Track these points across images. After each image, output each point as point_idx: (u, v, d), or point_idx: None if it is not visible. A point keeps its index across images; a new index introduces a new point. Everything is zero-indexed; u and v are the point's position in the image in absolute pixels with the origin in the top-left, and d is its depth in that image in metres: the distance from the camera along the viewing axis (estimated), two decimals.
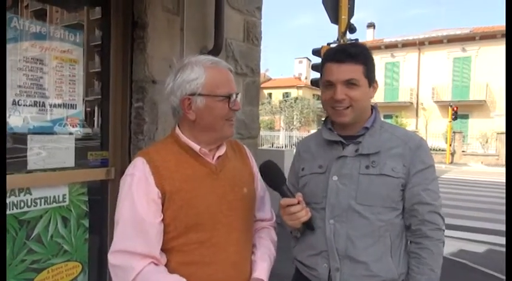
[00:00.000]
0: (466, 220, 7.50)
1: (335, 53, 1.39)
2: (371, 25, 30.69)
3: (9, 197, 1.88)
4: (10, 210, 1.89)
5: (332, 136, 1.44)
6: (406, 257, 1.40)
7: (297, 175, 1.52)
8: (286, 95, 35.41)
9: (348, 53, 1.35)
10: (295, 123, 27.12)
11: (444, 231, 1.39)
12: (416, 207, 1.36)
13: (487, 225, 7.11)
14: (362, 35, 29.76)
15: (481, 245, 5.82)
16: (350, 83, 1.34)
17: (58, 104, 2.11)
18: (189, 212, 1.22)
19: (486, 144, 21.77)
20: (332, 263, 1.36)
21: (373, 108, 1.47)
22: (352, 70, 1.34)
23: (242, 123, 3.22)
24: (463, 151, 21.66)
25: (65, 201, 2.14)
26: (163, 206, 1.21)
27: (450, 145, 20.84)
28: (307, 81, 37.20)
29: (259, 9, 3.40)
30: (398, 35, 27.26)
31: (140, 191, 1.20)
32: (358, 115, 1.39)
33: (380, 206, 1.34)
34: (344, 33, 5.53)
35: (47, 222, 2.06)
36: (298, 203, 1.30)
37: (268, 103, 29.31)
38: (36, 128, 2.01)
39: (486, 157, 20.94)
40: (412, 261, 1.37)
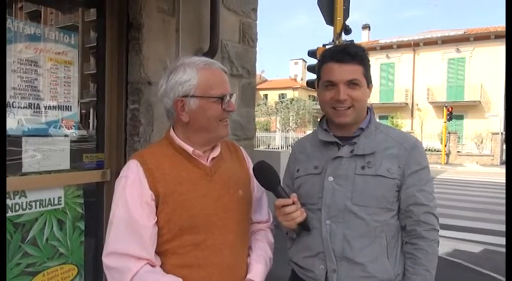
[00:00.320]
0: (462, 220, 7.53)
1: (336, 53, 1.39)
2: (366, 26, 30.80)
3: None
4: (6, 213, 1.87)
5: (328, 137, 1.44)
6: (403, 257, 1.41)
7: (292, 176, 1.52)
8: (282, 96, 35.45)
9: (349, 53, 1.36)
10: (291, 124, 27.14)
11: (439, 231, 1.39)
12: (411, 208, 1.36)
13: (483, 225, 7.14)
14: (357, 37, 29.95)
15: (476, 245, 5.85)
16: (352, 84, 1.35)
17: (53, 106, 2.09)
18: (183, 214, 1.21)
19: (481, 144, 21.90)
20: (329, 264, 1.36)
21: (368, 109, 1.47)
22: (354, 70, 1.35)
23: (238, 124, 3.22)
24: (458, 152, 21.77)
25: (61, 204, 2.13)
26: (157, 208, 1.21)
27: (445, 146, 20.95)
28: (303, 82, 37.26)
29: (254, 10, 3.40)
30: (393, 36, 27.39)
31: (134, 193, 1.20)
32: (358, 116, 1.40)
33: (375, 206, 1.35)
34: (339, 34, 5.55)
35: (42, 225, 2.05)
36: (293, 203, 1.30)
37: (264, 104, 29.30)
38: (31, 131, 2.00)
39: (481, 157, 21.06)
40: (408, 262, 1.37)
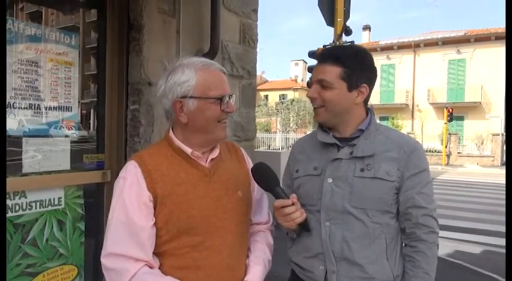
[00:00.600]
0: (462, 221, 7.53)
1: (320, 53, 1.43)
2: (367, 27, 30.80)
3: None
4: (6, 214, 1.87)
5: (327, 138, 1.43)
6: (403, 259, 1.40)
7: (292, 176, 1.52)
8: (282, 97, 35.46)
9: (329, 54, 1.38)
10: (291, 125, 27.12)
11: (438, 234, 1.39)
12: (410, 210, 1.35)
13: (483, 226, 7.13)
14: (358, 37, 29.91)
15: (477, 246, 5.84)
16: (322, 84, 1.36)
17: (53, 107, 2.09)
18: (181, 215, 1.21)
19: (481, 145, 21.89)
20: (328, 265, 1.36)
21: (368, 110, 1.47)
22: (325, 71, 1.36)
23: (238, 125, 3.22)
24: (459, 153, 21.76)
25: (61, 204, 2.13)
26: (155, 209, 1.21)
27: (446, 147, 20.95)
28: (303, 83, 37.28)
29: (255, 11, 3.40)
30: (394, 37, 27.39)
31: (132, 194, 1.20)
32: (335, 117, 1.40)
33: (374, 209, 1.34)
34: (340, 35, 5.54)
35: (43, 225, 2.05)
36: (292, 204, 1.30)
37: (264, 105, 29.28)
38: (31, 131, 2.00)
39: (482, 158, 21.05)
40: (407, 264, 1.37)
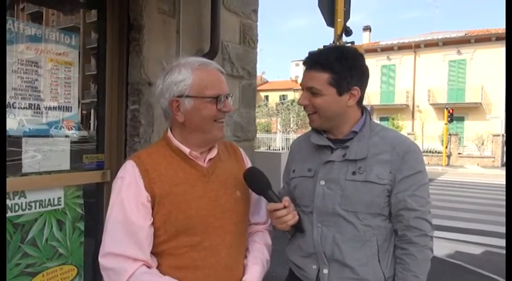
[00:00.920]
0: (463, 222, 7.52)
1: (306, 58, 1.40)
2: (367, 28, 30.80)
3: None
4: (6, 214, 1.87)
5: (321, 140, 1.43)
6: (395, 259, 1.40)
7: (289, 176, 1.54)
8: (283, 98, 35.44)
9: (314, 61, 1.36)
10: (292, 125, 27.10)
11: (431, 237, 1.37)
12: (401, 213, 1.34)
13: (483, 227, 7.12)
14: (358, 38, 29.84)
15: (477, 246, 5.83)
16: (311, 91, 1.36)
17: (53, 107, 2.10)
18: (179, 215, 1.21)
19: (482, 146, 21.87)
20: (321, 265, 1.38)
21: (363, 111, 1.45)
22: (313, 78, 1.35)
23: (239, 125, 3.22)
24: (459, 153, 21.75)
25: (60, 204, 2.13)
26: (153, 209, 1.21)
27: (446, 147, 20.93)
28: None
29: (255, 11, 3.40)
30: (394, 38, 27.39)
31: (130, 194, 1.20)
32: (328, 122, 1.40)
33: (365, 212, 1.34)
34: (340, 36, 5.53)
35: (42, 225, 2.05)
36: (284, 207, 1.30)
37: (265, 106, 29.26)
38: (31, 131, 2.00)
39: (482, 159, 21.03)
40: (398, 267, 1.36)
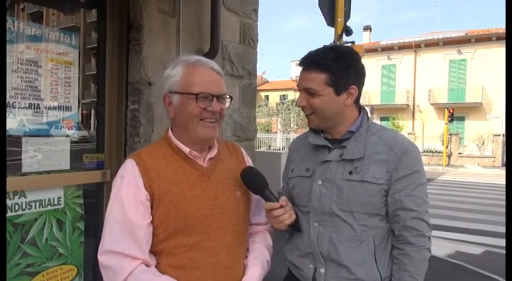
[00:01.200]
0: (463, 222, 7.52)
1: (303, 59, 1.40)
2: (367, 28, 30.77)
3: None
4: (6, 214, 1.87)
5: (318, 140, 1.43)
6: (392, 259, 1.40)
7: (288, 175, 1.54)
8: (283, 98, 35.43)
9: (310, 61, 1.36)
10: (292, 125, 27.08)
11: (429, 238, 1.36)
12: (398, 213, 1.34)
13: (484, 227, 7.12)
14: (358, 38, 29.82)
15: (478, 246, 5.83)
16: (309, 92, 1.36)
17: (53, 107, 2.09)
18: (178, 215, 1.21)
19: (482, 146, 21.86)
20: (318, 265, 1.38)
21: (360, 110, 1.45)
22: (311, 79, 1.35)
23: (239, 125, 3.22)
24: (460, 153, 21.73)
25: (60, 204, 2.13)
26: (152, 208, 1.21)
27: (447, 147, 20.92)
28: None
29: (255, 11, 3.40)
30: (394, 38, 27.37)
31: (129, 193, 1.20)
32: (327, 121, 1.40)
33: (361, 212, 1.34)
34: (340, 35, 5.53)
35: (42, 225, 2.05)
36: (281, 206, 1.31)
37: (265, 105, 29.25)
38: (31, 131, 2.00)
39: (482, 159, 21.03)
40: (394, 267, 1.36)
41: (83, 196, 2.25)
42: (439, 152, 21.64)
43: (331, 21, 5.61)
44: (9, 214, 1.90)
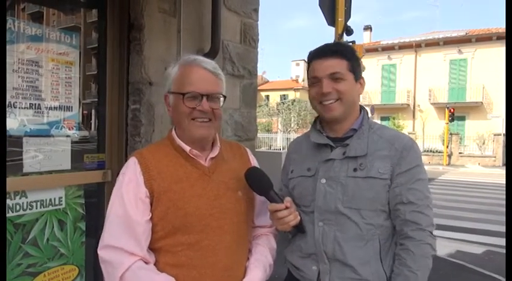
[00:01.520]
0: (464, 221, 7.51)
1: (318, 50, 1.43)
2: (368, 27, 30.75)
3: None
4: (6, 214, 1.87)
5: (320, 139, 1.43)
6: None
7: (287, 177, 1.53)
8: (283, 97, 35.43)
9: (330, 49, 1.40)
10: (292, 125, 27.09)
11: (431, 233, 1.34)
12: (398, 207, 1.34)
13: (485, 226, 7.12)
14: (359, 38, 29.83)
15: (479, 246, 5.82)
16: (335, 77, 1.36)
17: (54, 107, 2.09)
18: (177, 213, 1.22)
19: (483, 145, 21.84)
20: (321, 265, 1.37)
21: (361, 109, 1.46)
22: (336, 64, 1.37)
23: (240, 125, 3.21)
24: (460, 153, 21.72)
25: (61, 204, 2.12)
26: (152, 205, 1.23)
27: (447, 147, 20.91)
28: (304, 83, 37.24)
29: (256, 11, 3.40)
30: (395, 38, 27.35)
31: (130, 190, 1.22)
32: (347, 110, 1.40)
33: (368, 209, 1.33)
34: (341, 35, 5.53)
35: (43, 225, 2.05)
36: (286, 208, 1.30)
37: (265, 105, 29.26)
38: (32, 131, 2.00)
39: (483, 158, 21.01)
40: (395, 262, 1.35)
41: (84, 196, 2.25)
42: (440, 151, 21.63)
43: (331, 20, 5.60)
44: (10, 214, 1.90)
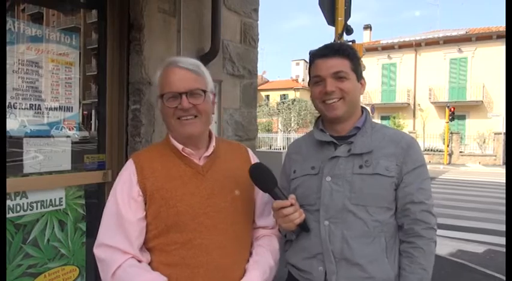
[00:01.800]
0: (465, 220, 7.50)
1: (321, 50, 1.43)
2: (367, 27, 30.72)
3: None
4: (6, 214, 1.87)
5: (324, 137, 1.43)
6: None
7: (289, 178, 1.51)
8: (283, 97, 35.43)
9: (333, 48, 1.40)
10: (292, 125, 27.09)
11: (436, 230, 1.37)
12: (409, 206, 1.35)
13: (486, 225, 7.11)
14: (358, 37, 29.82)
15: (480, 245, 5.81)
16: (339, 76, 1.37)
17: (54, 107, 2.09)
18: (169, 211, 1.23)
19: (483, 144, 21.81)
20: (328, 265, 1.35)
21: (363, 109, 1.48)
22: (339, 63, 1.38)
23: (240, 125, 3.21)
24: (461, 152, 21.69)
25: (62, 204, 2.12)
26: (146, 204, 1.24)
27: (448, 146, 20.89)
28: (304, 83, 37.25)
29: (255, 10, 3.39)
30: (394, 37, 27.33)
31: (124, 190, 1.25)
32: (350, 109, 1.41)
33: (374, 206, 1.34)
34: (341, 34, 5.52)
35: (44, 226, 2.05)
36: (291, 205, 1.29)
37: (265, 105, 29.25)
38: (32, 131, 2.00)
39: (484, 157, 20.99)
40: (404, 260, 1.35)
41: (85, 197, 2.25)
42: (440, 150, 21.61)
43: (331, 20, 5.60)
44: (11, 215, 1.90)
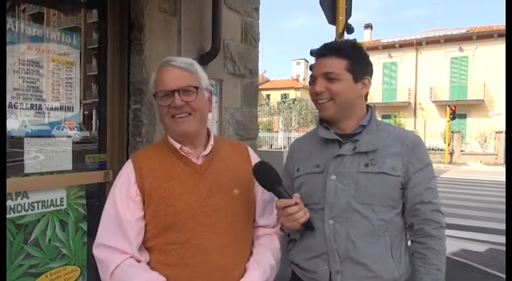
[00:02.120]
0: (467, 220, 7.49)
1: (319, 49, 1.41)
2: (368, 26, 30.70)
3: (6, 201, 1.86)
4: (7, 214, 1.87)
5: (329, 134, 1.41)
6: (407, 257, 1.38)
7: (292, 176, 1.49)
8: (284, 97, 35.42)
9: (330, 48, 1.38)
10: (293, 124, 27.09)
11: (445, 228, 1.38)
12: (418, 206, 1.34)
13: (488, 224, 7.10)
14: (359, 36, 29.75)
15: (482, 244, 5.81)
16: (329, 77, 1.34)
17: (55, 107, 2.09)
18: (167, 210, 1.22)
19: (485, 143, 21.79)
20: (332, 265, 1.33)
21: (368, 107, 1.46)
22: (331, 64, 1.35)
23: (241, 124, 3.21)
24: (462, 151, 21.68)
25: (63, 204, 2.12)
26: (144, 204, 1.24)
27: (449, 145, 20.87)
28: (305, 82, 37.24)
29: (256, 10, 3.39)
30: (395, 36, 27.30)
31: (122, 190, 1.25)
32: (342, 110, 1.38)
33: (380, 205, 1.32)
34: (341, 33, 5.51)
35: (45, 226, 2.04)
36: (295, 203, 1.27)
37: (266, 104, 29.25)
38: (33, 131, 1.99)
39: (485, 156, 20.97)
40: (418, 261, 1.34)
41: (86, 197, 2.24)
42: (441, 149, 21.59)
43: (332, 19, 5.59)
44: (12, 215, 1.89)
